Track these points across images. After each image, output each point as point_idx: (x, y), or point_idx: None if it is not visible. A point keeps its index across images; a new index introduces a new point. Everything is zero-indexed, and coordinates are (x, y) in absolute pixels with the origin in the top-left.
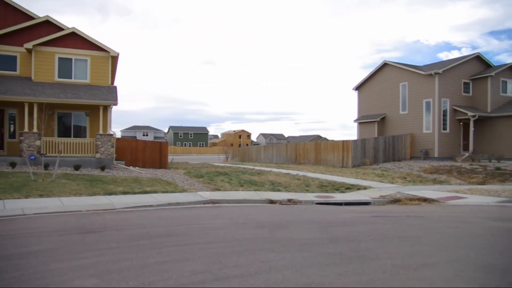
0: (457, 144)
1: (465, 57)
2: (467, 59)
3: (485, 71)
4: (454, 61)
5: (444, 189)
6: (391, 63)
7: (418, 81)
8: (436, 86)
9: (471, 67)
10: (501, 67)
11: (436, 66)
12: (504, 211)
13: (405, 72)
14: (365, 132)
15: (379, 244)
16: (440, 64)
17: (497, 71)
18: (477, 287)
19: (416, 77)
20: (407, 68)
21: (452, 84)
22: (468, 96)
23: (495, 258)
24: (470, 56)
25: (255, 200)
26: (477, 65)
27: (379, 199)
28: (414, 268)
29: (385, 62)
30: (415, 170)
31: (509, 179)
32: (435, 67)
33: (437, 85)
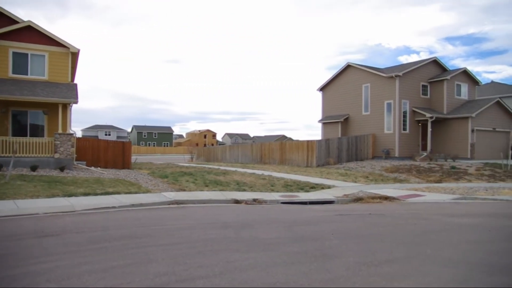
0: (416, 144)
1: (423, 61)
2: (425, 63)
3: (442, 75)
4: (413, 64)
5: (404, 188)
6: (354, 65)
7: (380, 83)
8: (397, 88)
9: (429, 71)
10: (456, 71)
11: (397, 69)
12: (458, 208)
13: (367, 74)
14: (329, 132)
15: (342, 242)
16: (400, 67)
17: (452, 75)
18: (433, 281)
19: (378, 79)
20: (369, 70)
21: (411, 86)
22: (426, 98)
23: (449, 252)
24: (428, 60)
25: (221, 200)
26: (434, 69)
27: (343, 198)
28: (375, 264)
29: (348, 64)
30: (377, 170)
31: (462, 177)
32: (396, 69)
33: (398, 87)
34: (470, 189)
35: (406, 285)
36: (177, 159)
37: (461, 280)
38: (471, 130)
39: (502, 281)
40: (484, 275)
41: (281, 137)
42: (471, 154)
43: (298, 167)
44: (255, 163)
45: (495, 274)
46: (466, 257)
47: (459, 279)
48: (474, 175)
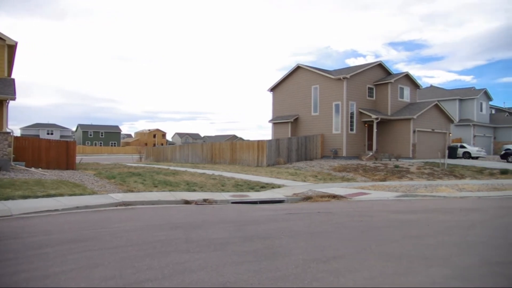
0: (362, 144)
1: (369, 64)
2: (371, 66)
3: (386, 78)
4: (360, 67)
5: (351, 186)
6: (304, 66)
7: (329, 85)
8: (345, 90)
9: (374, 74)
10: (399, 75)
11: (344, 71)
12: (401, 205)
13: (316, 75)
14: (279, 132)
15: (292, 240)
16: (348, 70)
17: (395, 78)
18: (377, 274)
19: (327, 81)
20: (318, 72)
21: (358, 88)
22: (372, 100)
23: (392, 247)
24: (374, 64)
25: (170, 201)
26: (380, 72)
27: (292, 197)
28: (324, 261)
29: (298, 66)
30: (325, 169)
31: (405, 175)
32: (344, 72)
33: (345, 89)
34: (412, 186)
35: (352, 279)
36: (125, 159)
37: (402, 273)
38: (412, 131)
39: (439, 272)
40: (423, 267)
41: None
42: (412, 153)
43: (249, 167)
44: (205, 163)
45: (433, 266)
46: (407, 251)
47: (400, 271)
48: (415, 174)
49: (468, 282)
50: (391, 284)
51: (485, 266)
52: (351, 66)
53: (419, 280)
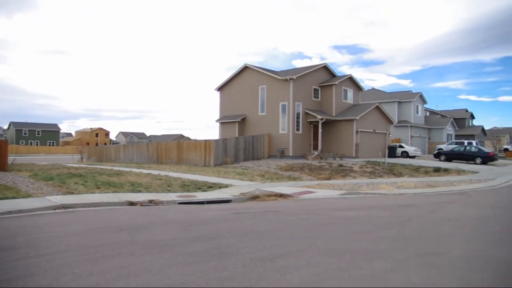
0: (308, 144)
1: (315, 66)
2: (317, 68)
3: (331, 80)
4: (306, 69)
5: (297, 185)
6: (251, 66)
7: (276, 85)
8: (291, 91)
9: (319, 75)
10: (343, 77)
11: (291, 72)
12: (344, 202)
13: (264, 76)
14: (227, 132)
15: (239, 240)
16: (294, 71)
17: (340, 80)
18: (322, 271)
19: (274, 81)
20: (265, 72)
21: (304, 89)
22: (317, 101)
23: (336, 243)
24: (319, 66)
25: (114, 203)
26: (325, 74)
27: (240, 197)
28: (270, 259)
29: (245, 66)
30: (272, 168)
31: (349, 174)
32: (290, 73)
33: (292, 90)
34: (355, 185)
35: (298, 276)
36: (65, 159)
37: (346, 268)
38: (355, 131)
39: (380, 265)
40: (365, 261)
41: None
42: (355, 153)
43: (196, 167)
44: (151, 163)
45: (375, 260)
46: (351, 247)
47: (344, 266)
48: (358, 172)
49: (404, 273)
50: (335, 278)
51: (419, 257)
52: (298, 68)
53: (361, 274)
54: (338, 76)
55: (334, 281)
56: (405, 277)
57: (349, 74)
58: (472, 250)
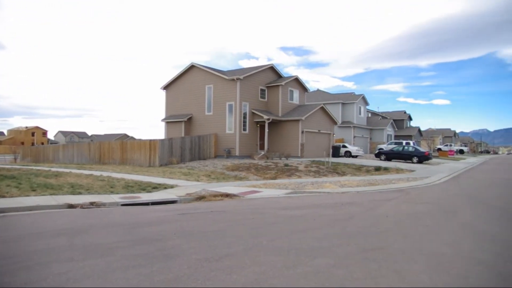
0: (255, 143)
1: (261, 66)
2: (263, 68)
3: (277, 81)
4: (253, 69)
5: (243, 185)
6: (198, 65)
7: (222, 85)
8: (238, 91)
9: (266, 76)
10: (289, 78)
11: (238, 72)
12: (290, 201)
13: (210, 75)
14: (172, 131)
15: (185, 241)
16: (241, 71)
17: (286, 81)
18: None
19: (221, 81)
20: (212, 71)
21: (251, 89)
22: (264, 101)
23: (282, 242)
24: (266, 66)
25: (52, 206)
26: (271, 75)
27: (186, 197)
28: (216, 259)
29: (192, 64)
30: (219, 168)
31: (294, 173)
32: (237, 73)
33: (239, 90)
34: (300, 184)
35: (244, 275)
36: None
37: (291, 265)
38: (301, 131)
39: (323, 261)
40: (310, 259)
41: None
42: (301, 152)
43: (141, 167)
44: (93, 164)
45: (319, 257)
46: (296, 245)
47: (289, 264)
48: (304, 172)
49: (346, 268)
50: (281, 276)
51: (361, 253)
52: (245, 68)
53: (305, 271)
54: (285, 77)
55: (280, 279)
56: (347, 272)
57: (295, 75)
58: (408, 244)
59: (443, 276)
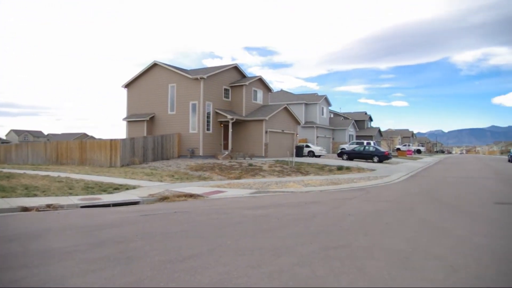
0: (219, 143)
1: (225, 66)
2: (227, 68)
3: (241, 81)
4: (216, 68)
5: (207, 185)
6: (161, 64)
7: (186, 84)
8: (201, 90)
9: (230, 76)
10: (253, 78)
11: (202, 71)
12: (254, 201)
13: (174, 74)
14: (134, 131)
15: (147, 243)
16: (205, 70)
17: (250, 81)
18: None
19: (184, 80)
20: (175, 70)
21: (215, 89)
22: (228, 101)
23: (246, 241)
24: (230, 66)
25: (3, 209)
26: (235, 75)
27: (148, 198)
28: (180, 260)
29: (155, 63)
30: (182, 168)
31: (258, 173)
32: (201, 72)
33: (202, 89)
34: (264, 183)
35: (208, 276)
36: None
37: (255, 265)
38: (265, 131)
39: (287, 260)
40: (273, 258)
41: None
42: (265, 152)
43: (101, 168)
44: (50, 164)
45: (283, 256)
46: (260, 244)
47: (253, 264)
48: (268, 171)
49: (310, 266)
50: (245, 276)
51: (324, 251)
52: (208, 67)
53: (269, 270)
54: (249, 77)
55: (244, 279)
56: (310, 270)
57: (259, 76)
58: (369, 241)
59: (401, 271)
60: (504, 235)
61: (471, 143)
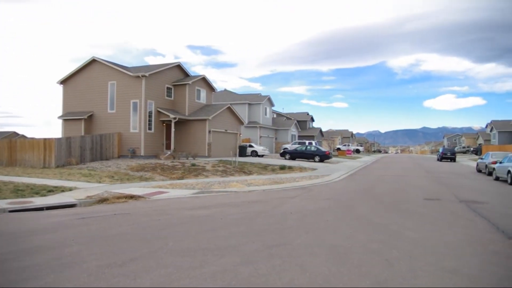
0: (161, 143)
1: (168, 64)
2: (170, 66)
3: (184, 79)
4: (159, 66)
5: (149, 186)
6: (100, 60)
7: (127, 82)
8: (143, 88)
9: (173, 74)
10: (196, 77)
11: (143, 69)
12: (197, 201)
13: (114, 71)
14: (71, 130)
15: (84, 247)
16: (147, 68)
17: (193, 80)
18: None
19: (125, 78)
20: (116, 67)
21: (157, 87)
22: (171, 100)
23: (189, 242)
24: (172, 64)
25: None
26: (178, 73)
27: (86, 200)
28: (120, 264)
29: (93, 59)
30: (122, 169)
31: (201, 173)
32: (143, 70)
33: (144, 88)
34: (207, 183)
35: (149, 279)
36: None
37: (198, 266)
38: (208, 131)
39: (230, 260)
40: (216, 258)
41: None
42: (208, 152)
43: (33, 169)
44: None
45: (226, 256)
46: (203, 245)
47: (196, 265)
48: (211, 171)
49: (252, 265)
50: (187, 277)
51: (266, 249)
52: (151, 65)
53: (212, 270)
54: (192, 76)
55: (186, 280)
56: (253, 269)
57: (203, 75)
58: (310, 238)
59: (340, 267)
60: (433, 229)
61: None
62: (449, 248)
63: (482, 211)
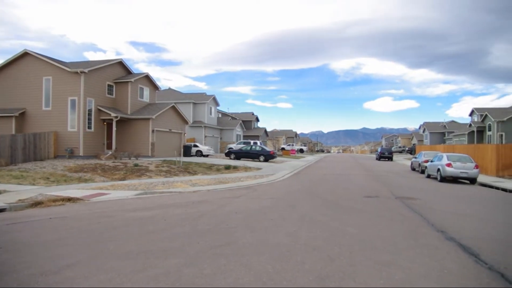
0: (101, 143)
1: (109, 60)
2: (112, 63)
3: (127, 77)
4: (99, 63)
5: (89, 187)
6: (34, 53)
7: (64, 78)
8: (82, 85)
9: (114, 71)
10: (139, 75)
11: (82, 65)
12: (139, 202)
13: (49, 66)
14: (0, 128)
15: (14, 255)
16: (86, 64)
17: (136, 78)
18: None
19: (62, 73)
20: (51, 62)
21: (97, 84)
22: (112, 98)
23: (131, 245)
24: (114, 61)
25: None
26: (120, 70)
27: (17, 204)
28: (55, 272)
29: (26, 52)
30: (59, 170)
31: (144, 174)
32: (81, 65)
33: (83, 84)
34: (151, 184)
35: (88, 285)
36: None
37: (140, 269)
38: (151, 130)
39: (174, 261)
40: (160, 260)
41: None
42: (151, 152)
43: None
44: None
45: (169, 257)
46: (145, 247)
47: (138, 268)
48: (154, 171)
49: (197, 266)
50: (129, 281)
51: (211, 250)
52: (90, 61)
53: (155, 273)
54: (135, 73)
55: (128, 284)
56: (197, 270)
57: (146, 72)
58: (254, 237)
59: (283, 264)
60: (371, 224)
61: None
62: (386, 243)
63: (415, 207)
